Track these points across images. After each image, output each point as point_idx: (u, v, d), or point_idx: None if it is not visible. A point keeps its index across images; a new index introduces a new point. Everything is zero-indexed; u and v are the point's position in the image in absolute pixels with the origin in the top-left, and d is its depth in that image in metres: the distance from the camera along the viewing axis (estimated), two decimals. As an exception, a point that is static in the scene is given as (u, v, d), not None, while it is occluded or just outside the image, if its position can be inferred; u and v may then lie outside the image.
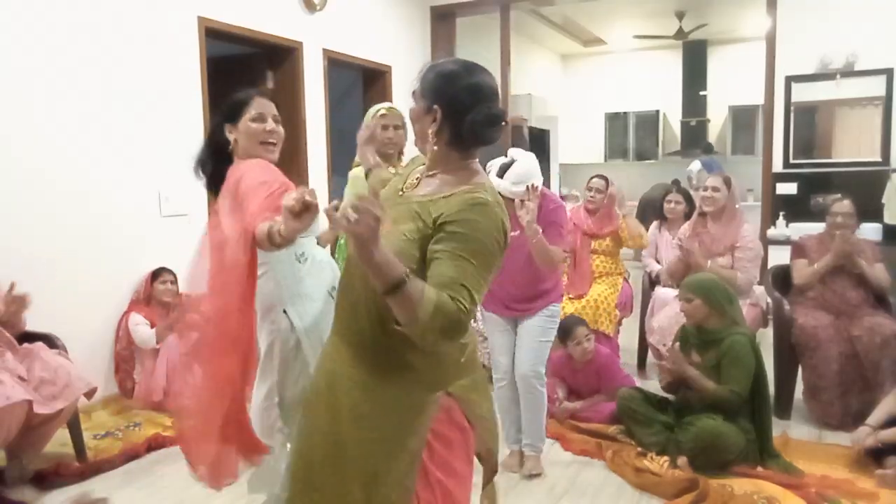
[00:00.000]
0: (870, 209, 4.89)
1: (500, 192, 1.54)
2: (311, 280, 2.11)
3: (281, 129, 2.14)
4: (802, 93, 5.54)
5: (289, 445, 2.04)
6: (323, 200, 2.33)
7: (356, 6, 5.60)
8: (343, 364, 1.52)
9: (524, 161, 2.77)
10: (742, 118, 9.10)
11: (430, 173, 1.51)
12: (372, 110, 2.90)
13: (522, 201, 2.61)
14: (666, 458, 2.88)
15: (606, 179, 4.17)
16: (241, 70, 4.99)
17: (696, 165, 8.41)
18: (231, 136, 2.10)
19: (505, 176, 2.72)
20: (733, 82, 8.92)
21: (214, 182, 2.12)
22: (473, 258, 1.36)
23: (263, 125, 2.08)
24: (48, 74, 3.41)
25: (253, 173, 1.95)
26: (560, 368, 3.54)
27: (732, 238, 3.70)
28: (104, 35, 3.67)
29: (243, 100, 2.10)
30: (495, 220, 1.42)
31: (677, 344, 3.12)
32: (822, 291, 3.54)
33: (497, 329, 2.92)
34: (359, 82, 6.26)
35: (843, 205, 3.55)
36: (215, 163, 2.14)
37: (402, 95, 6.20)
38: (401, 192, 1.54)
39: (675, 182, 7.28)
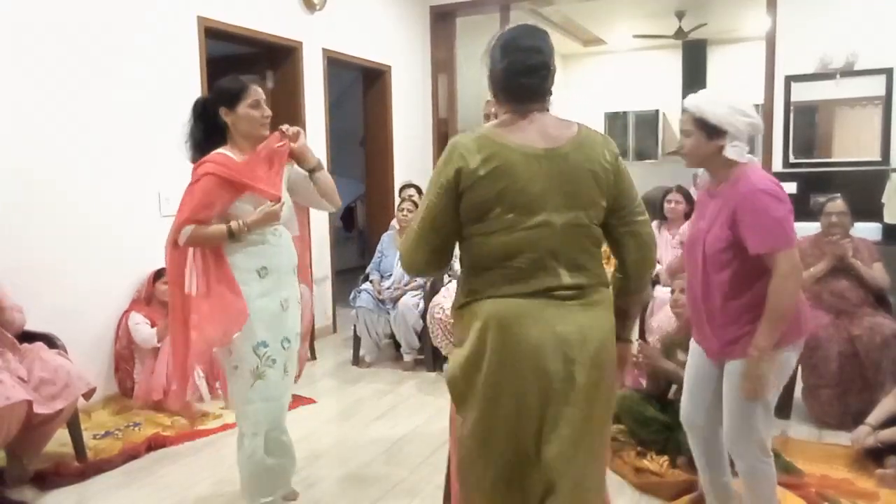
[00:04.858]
0: (870, 209, 4.89)
1: None
2: (240, 256, 2.33)
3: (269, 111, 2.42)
4: (802, 92, 5.53)
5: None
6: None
7: (356, 6, 5.60)
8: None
9: None
10: (742, 118, 9.09)
11: None
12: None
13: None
14: (666, 458, 2.88)
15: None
16: (241, 70, 4.94)
17: None
18: (228, 119, 2.34)
19: None
20: (733, 82, 8.90)
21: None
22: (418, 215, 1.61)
23: (261, 111, 2.36)
24: (48, 75, 3.41)
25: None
26: None
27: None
28: (104, 35, 3.67)
29: (241, 88, 2.34)
30: (444, 159, 1.56)
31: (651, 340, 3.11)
32: (821, 291, 3.54)
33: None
34: (358, 82, 6.26)
35: (835, 204, 3.53)
36: (207, 140, 2.37)
37: (402, 95, 6.21)
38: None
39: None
